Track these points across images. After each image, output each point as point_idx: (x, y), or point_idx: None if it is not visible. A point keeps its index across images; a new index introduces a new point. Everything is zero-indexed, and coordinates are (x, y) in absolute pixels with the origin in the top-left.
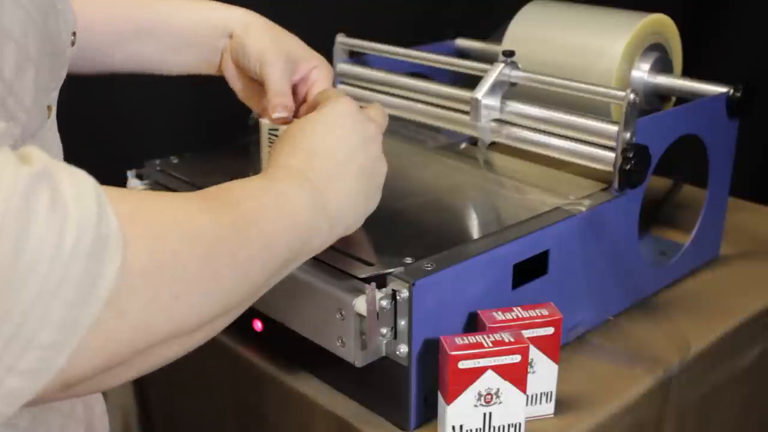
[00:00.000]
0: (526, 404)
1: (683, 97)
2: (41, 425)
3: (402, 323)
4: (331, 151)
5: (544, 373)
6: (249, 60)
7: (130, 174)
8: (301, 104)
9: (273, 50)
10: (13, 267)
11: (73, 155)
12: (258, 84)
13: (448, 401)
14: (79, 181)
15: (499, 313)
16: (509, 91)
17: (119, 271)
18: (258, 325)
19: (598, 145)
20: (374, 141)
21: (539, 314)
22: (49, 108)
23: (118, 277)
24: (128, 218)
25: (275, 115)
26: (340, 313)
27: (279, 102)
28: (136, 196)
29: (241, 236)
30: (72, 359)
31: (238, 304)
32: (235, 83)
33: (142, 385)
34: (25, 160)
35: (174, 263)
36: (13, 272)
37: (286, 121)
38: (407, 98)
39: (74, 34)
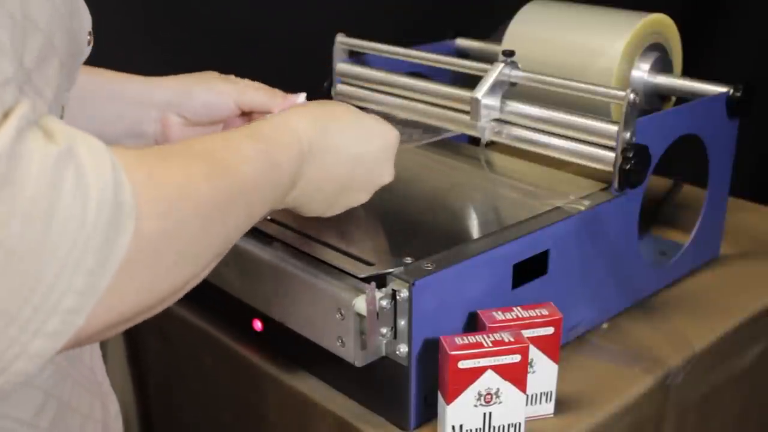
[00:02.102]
0: (526, 404)
1: (683, 97)
2: (61, 424)
3: (402, 323)
4: (345, 141)
5: (544, 373)
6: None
7: None
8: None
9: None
10: (42, 243)
11: None
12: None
13: (448, 401)
14: (96, 152)
15: (499, 312)
16: (509, 90)
17: (132, 238)
18: (258, 325)
19: (598, 144)
20: (388, 159)
21: (539, 314)
22: (62, 109)
23: (131, 244)
24: (142, 185)
25: (300, 100)
26: (340, 313)
27: (281, 95)
28: (149, 162)
29: (234, 203)
30: (89, 319)
31: (215, 260)
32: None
33: (141, 384)
34: (49, 136)
35: (178, 230)
36: (43, 248)
37: None
38: (407, 98)
39: (90, 33)
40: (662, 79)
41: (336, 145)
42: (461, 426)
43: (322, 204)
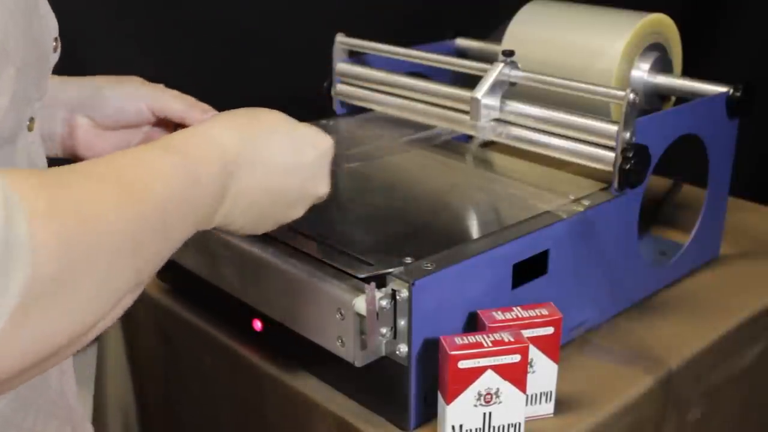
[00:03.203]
0: (526, 404)
1: (683, 97)
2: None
3: (402, 323)
4: (275, 151)
5: (544, 373)
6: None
7: None
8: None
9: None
10: None
11: None
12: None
13: (448, 401)
14: None
15: (499, 312)
16: (509, 90)
17: (26, 281)
18: (258, 325)
19: (597, 144)
20: (323, 170)
21: (539, 314)
22: (31, 120)
23: (25, 288)
24: (41, 218)
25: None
26: (340, 313)
27: (206, 107)
28: (49, 189)
29: (149, 232)
30: None
31: (130, 296)
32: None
33: (141, 385)
34: None
35: (83, 268)
36: None
37: None
38: (407, 98)
39: (56, 39)
40: (662, 79)
41: (265, 156)
42: (461, 426)
43: (255, 221)
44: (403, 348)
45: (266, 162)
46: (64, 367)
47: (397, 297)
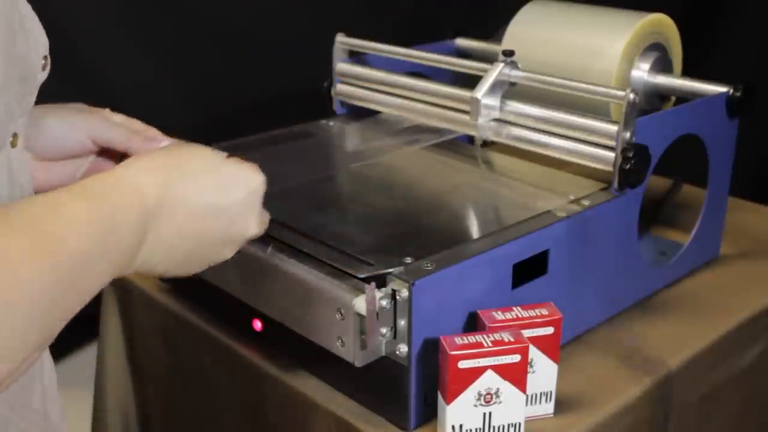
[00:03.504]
0: (526, 404)
1: (683, 97)
2: None
3: (402, 323)
4: (199, 192)
5: (544, 372)
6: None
7: None
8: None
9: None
10: None
11: None
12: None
13: (448, 401)
14: None
15: (499, 312)
16: (509, 90)
17: None
18: (258, 325)
19: (597, 144)
20: (253, 209)
21: (539, 314)
22: (15, 136)
23: None
24: None
25: (164, 143)
26: (340, 313)
27: (151, 134)
28: None
29: (63, 284)
30: None
31: (38, 352)
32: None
33: (141, 385)
34: None
35: None
36: None
37: None
38: (407, 98)
39: (46, 57)
40: (662, 79)
41: (188, 198)
42: (461, 426)
43: (179, 264)
44: (403, 348)
45: (188, 205)
46: (47, 384)
47: (397, 297)
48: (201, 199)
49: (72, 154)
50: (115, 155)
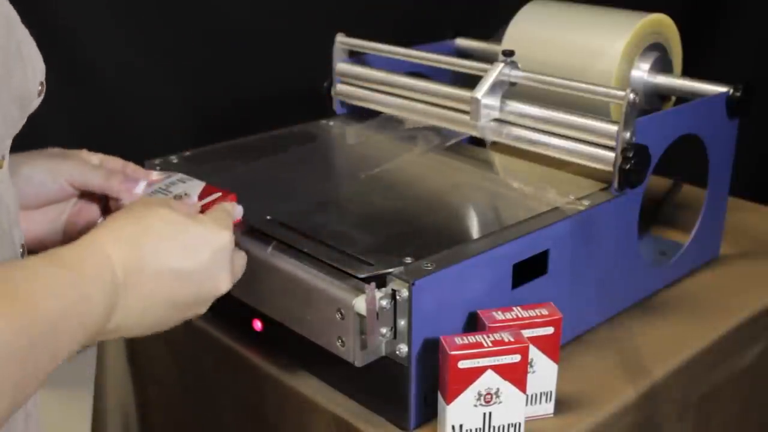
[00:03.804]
0: (526, 404)
1: (683, 97)
2: None
3: (402, 323)
4: (165, 259)
5: (544, 372)
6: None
7: None
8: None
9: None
10: None
11: None
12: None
13: (448, 401)
14: None
15: (499, 312)
16: (509, 90)
17: None
18: (258, 325)
19: (597, 144)
20: (221, 268)
21: (539, 314)
22: (2, 158)
23: None
24: None
25: (141, 185)
26: (340, 313)
27: (130, 171)
28: None
29: (37, 346)
30: None
31: (8, 412)
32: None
33: (142, 385)
34: None
35: None
36: None
37: None
38: (407, 98)
39: (42, 83)
40: (662, 79)
41: (154, 266)
42: (461, 426)
43: (151, 326)
44: (403, 348)
45: (156, 272)
46: (29, 410)
47: (397, 297)
48: (168, 266)
49: (53, 200)
50: (96, 196)
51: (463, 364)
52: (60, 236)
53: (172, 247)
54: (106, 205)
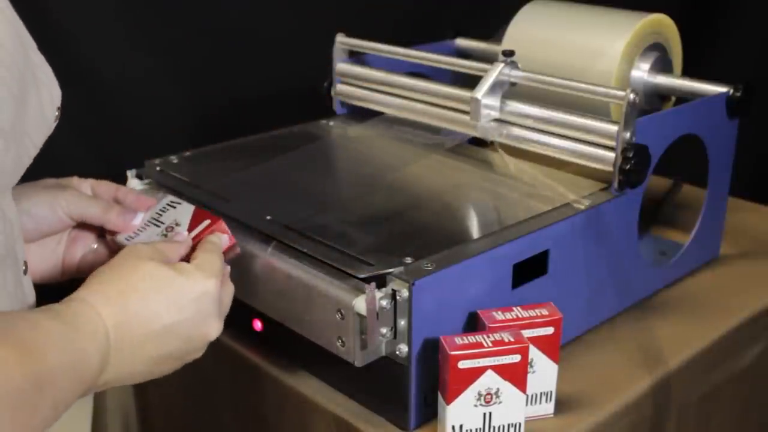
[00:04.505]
0: (526, 404)
1: (683, 97)
2: None
3: (402, 323)
4: (153, 315)
5: (544, 372)
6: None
7: (130, 174)
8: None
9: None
10: None
11: (74, 157)
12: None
13: (448, 401)
14: None
15: (499, 312)
16: (509, 90)
17: None
18: (258, 325)
19: (597, 144)
20: (209, 316)
21: (539, 314)
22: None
23: None
24: None
25: (138, 218)
26: (340, 313)
27: (123, 197)
28: None
29: (43, 393)
30: None
31: None
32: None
33: (142, 385)
34: None
35: None
36: None
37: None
38: (407, 98)
39: (58, 109)
40: (662, 79)
41: (143, 323)
42: (461, 426)
43: (146, 376)
44: (403, 348)
45: (145, 328)
46: None
47: (397, 297)
48: (156, 322)
49: (52, 232)
50: (92, 227)
51: (463, 364)
52: (60, 266)
53: (159, 302)
54: (101, 230)
